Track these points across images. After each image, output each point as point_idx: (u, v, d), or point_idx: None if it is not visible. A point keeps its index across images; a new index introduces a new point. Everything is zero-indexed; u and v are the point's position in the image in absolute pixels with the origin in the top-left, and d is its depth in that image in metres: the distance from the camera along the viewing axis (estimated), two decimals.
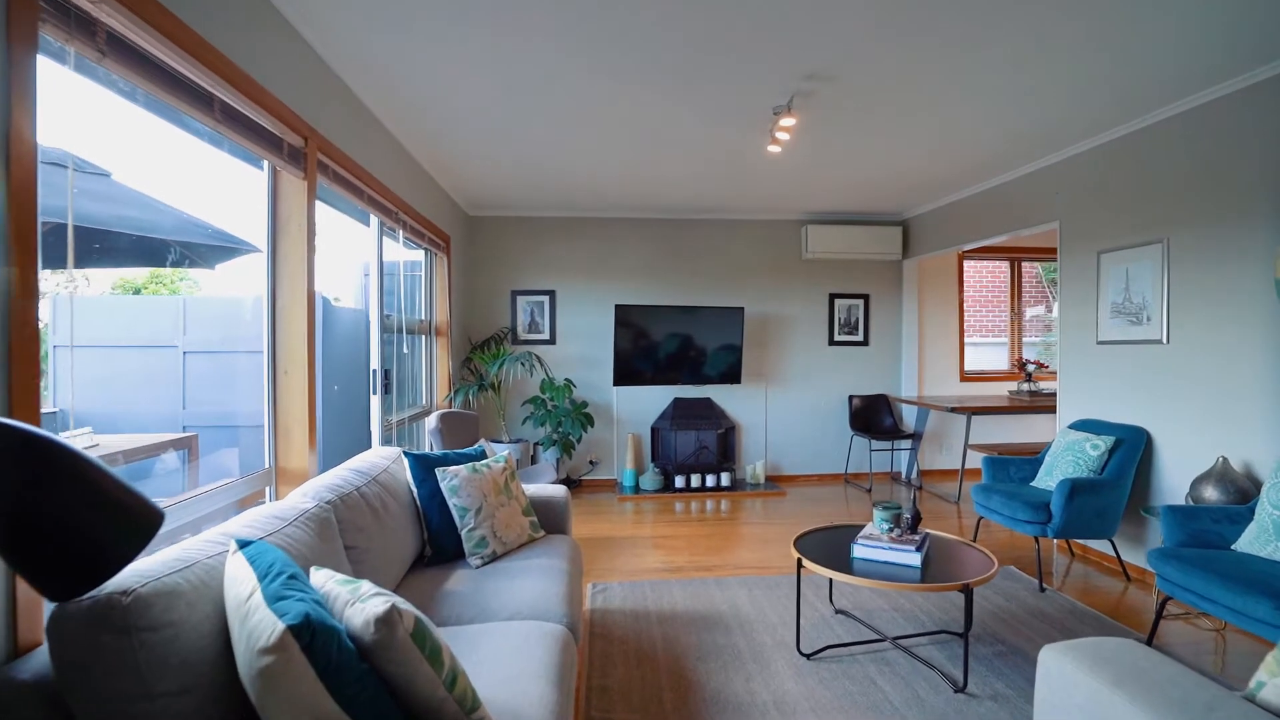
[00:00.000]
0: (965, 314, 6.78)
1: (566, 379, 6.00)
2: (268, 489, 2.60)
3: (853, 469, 6.58)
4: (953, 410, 5.48)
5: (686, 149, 4.33)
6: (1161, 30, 2.74)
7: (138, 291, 4.56)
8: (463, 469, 2.72)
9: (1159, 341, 3.68)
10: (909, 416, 6.55)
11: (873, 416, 6.52)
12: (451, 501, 2.65)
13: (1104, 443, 3.78)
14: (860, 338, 6.60)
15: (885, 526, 2.91)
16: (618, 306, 5.98)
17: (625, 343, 6.02)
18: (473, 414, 4.66)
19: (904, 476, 6.55)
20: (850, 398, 6.54)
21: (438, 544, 2.66)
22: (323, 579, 1.50)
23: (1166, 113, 3.58)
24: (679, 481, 5.95)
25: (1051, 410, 5.67)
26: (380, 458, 2.72)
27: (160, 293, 4.65)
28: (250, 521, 1.71)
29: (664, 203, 5.91)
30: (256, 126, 2.27)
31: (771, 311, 6.48)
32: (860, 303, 6.59)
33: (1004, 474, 4.27)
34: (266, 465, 2.61)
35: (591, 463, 6.32)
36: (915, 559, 2.71)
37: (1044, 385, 6.26)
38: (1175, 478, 3.59)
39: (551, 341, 6.30)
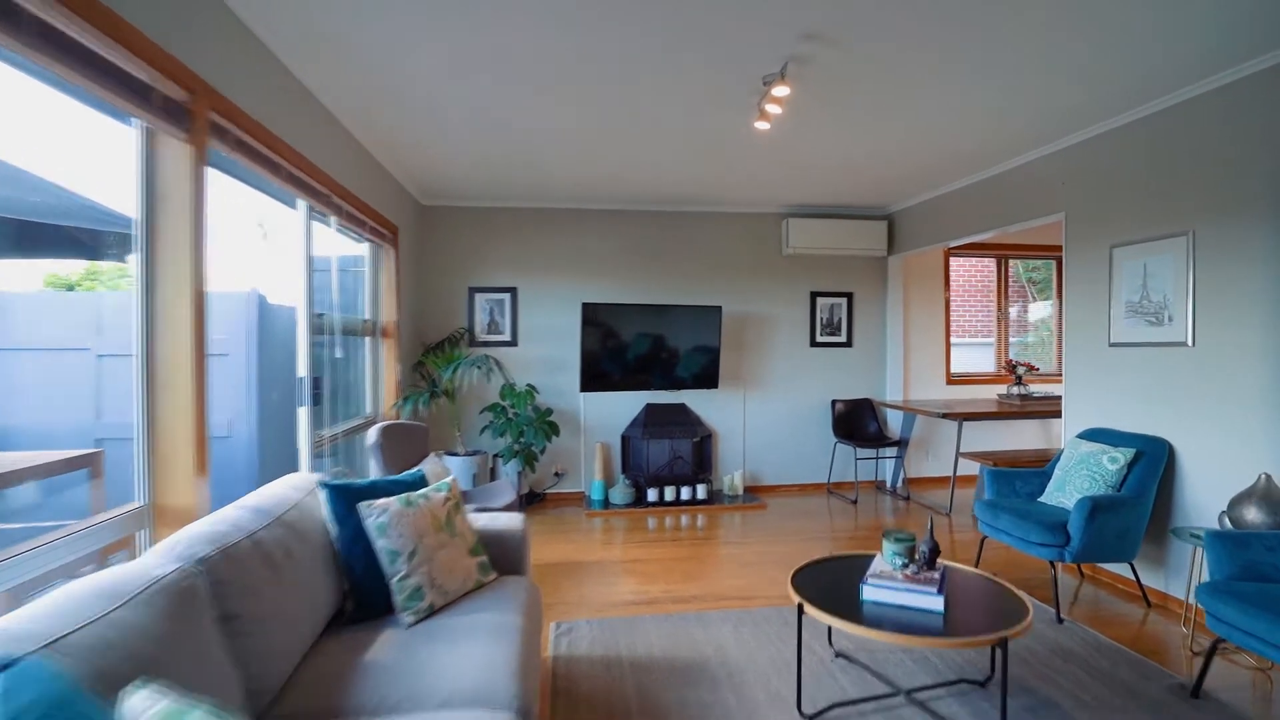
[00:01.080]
0: (951, 313, 6.46)
1: (528, 384, 5.49)
2: (141, 534, 2.06)
3: (836, 478, 6.21)
4: (944, 416, 5.12)
5: (665, 129, 3.87)
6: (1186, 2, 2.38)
7: (71, 288, 3.96)
8: (393, 502, 2.22)
9: (1183, 344, 3.34)
10: (894, 422, 6.20)
11: (856, 422, 6.15)
12: (378, 544, 2.14)
13: (1123, 455, 3.43)
14: (843, 339, 6.23)
15: (898, 562, 2.49)
16: (585, 305, 5.50)
17: (593, 344, 5.54)
18: (421, 425, 4.13)
19: (889, 486, 6.20)
20: (833, 402, 6.16)
21: (362, 597, 2.15)
22: (140, 707, 1.00)
23: (1191, 92, 3.24)
24: (651, 494, 5.49)
25: (1044, 415, 5.36)
26: (290, 489, 2.20)
27: (96, 289, 4.06)
28: (52, 610, 1.20)
29: (637, 193, 5.44)
30: (106, 64, 1.74)
31: (750, 311, 6.07)
32: (843, 301, 6.22)
33: (1008, 488, 3.90)
34: (139, 501, 2.08)
35: (557, 474, 5.82)
36: (937, 603, 2.30)
37: (1034, 389, 5.96)
38: (1203, 495, 3.26)
39: (513, 343, 5.78)
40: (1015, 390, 5.89)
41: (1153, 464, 3.38)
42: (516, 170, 4.77)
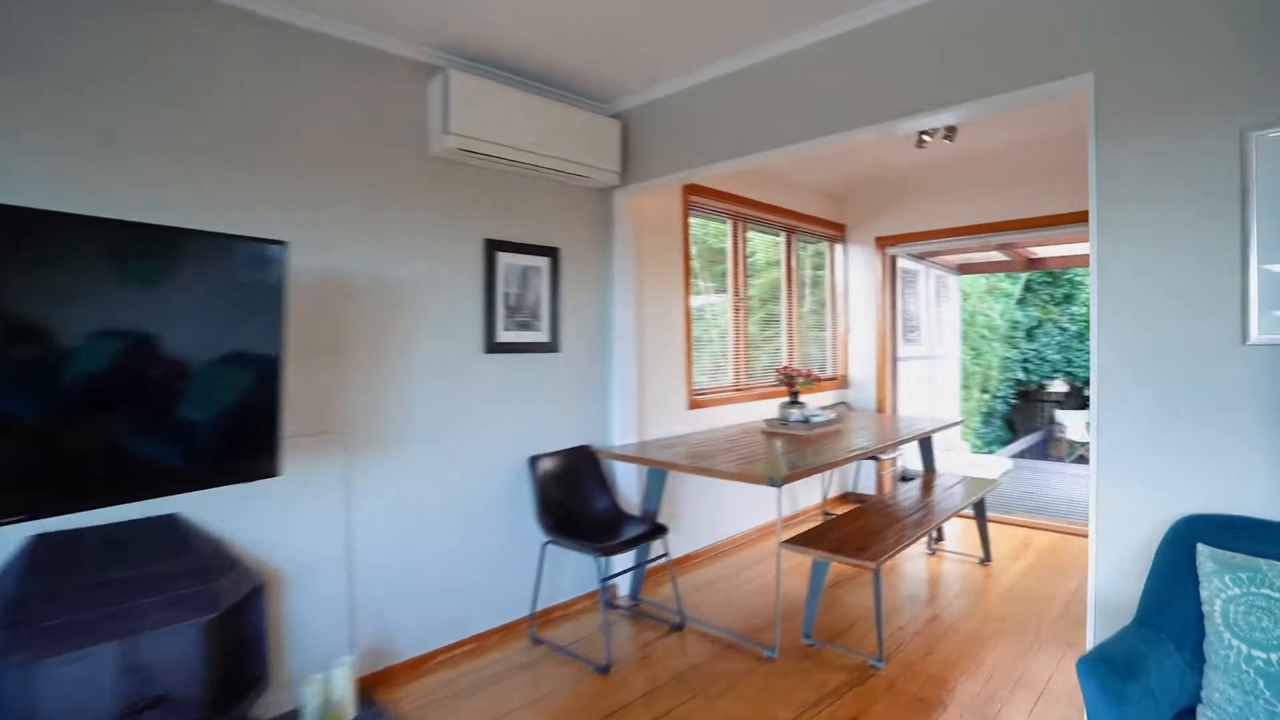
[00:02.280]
0: (691, 295, 4.13)
1: None
2: None
3: (546, 599, 3.23)
4: (782, 482, 2.65)
5: None
6: None
7: None
8: None
9: None
10: (626, 483, 3.54)
11: (575, 493, 3.29)
12: None
13: None
14: (544, 335, 3.28)
15: None
16: None
17: None
18: None
19: (629, 597, 3.52)
20: (533, 461, 3.17)
21: None
22: None
23: None
24: None
25: (833, 456, 3.41)
26: None
27: None
28: None
29: None
30: None
31: (356, 269, 2.62)
32: (543, 265, 3.27)
33: (1137, 699, 1.57)
34: None
35: None
36: None
37: (811, 409, 4.02)
38: None
39: None
40: (794, 414, 3.86)
41: None
42: None
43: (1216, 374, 1.83)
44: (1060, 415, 10.17)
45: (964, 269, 7.49)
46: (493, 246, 3.05)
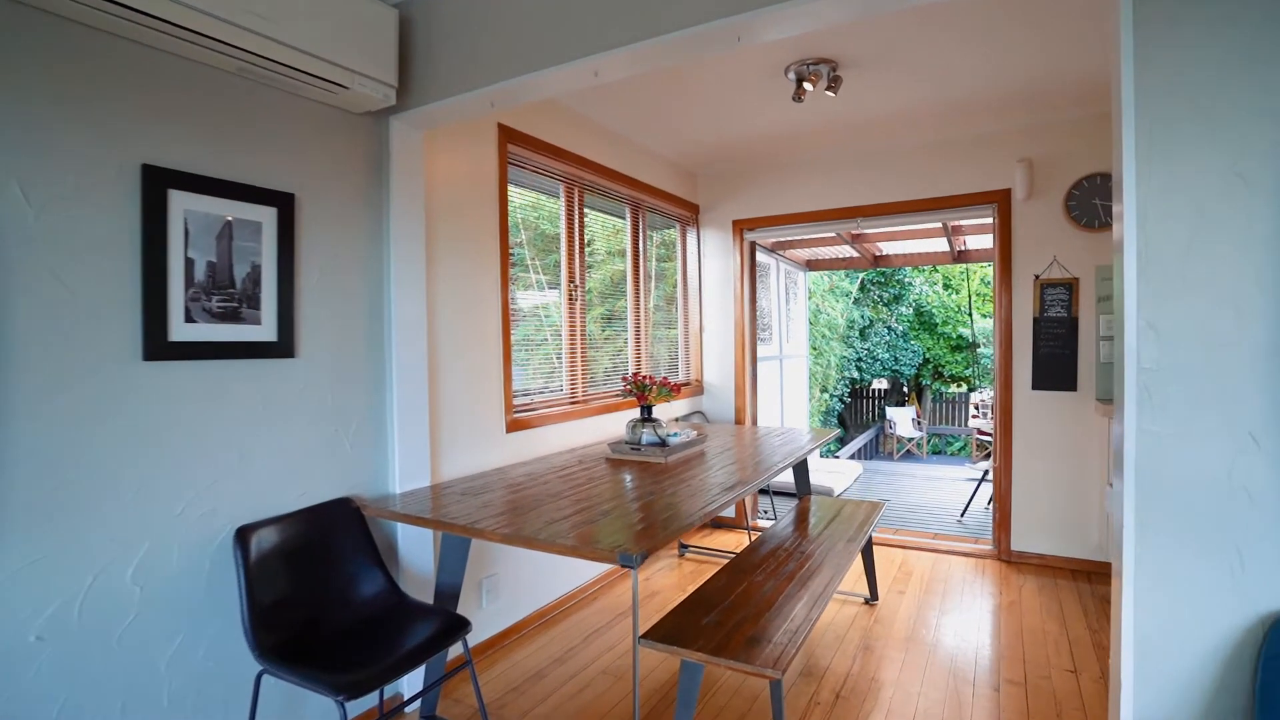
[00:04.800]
0: (510, 277, 3.07)
1: None
2: None
3: None
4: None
5: None
6: None
7: None
8: None
9: None
10: (415, 546, 2.44)
11: (321, 579, 2.11)
12: None
13: None
14: (267, 331, 2.07)
15: None
16: None
17: None
18: None
19: (425, 715, 2.40)
20: (241, 535, 1.95)
21: None
22: None
23: None
24: None
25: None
26: None
27: None
28: None
29: None
30: None
31: None
32: (267, 218, 2.06)
33: None
34: None
35: None
36: None
37: (665, 425, 3.14)
38: None
39: None
40: (647, 435, 2.96)
41: None
42: None
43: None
44: (891, 413, 10.39)
45: (812, 265, 7.14)
46: (161, 180, 1.80)
